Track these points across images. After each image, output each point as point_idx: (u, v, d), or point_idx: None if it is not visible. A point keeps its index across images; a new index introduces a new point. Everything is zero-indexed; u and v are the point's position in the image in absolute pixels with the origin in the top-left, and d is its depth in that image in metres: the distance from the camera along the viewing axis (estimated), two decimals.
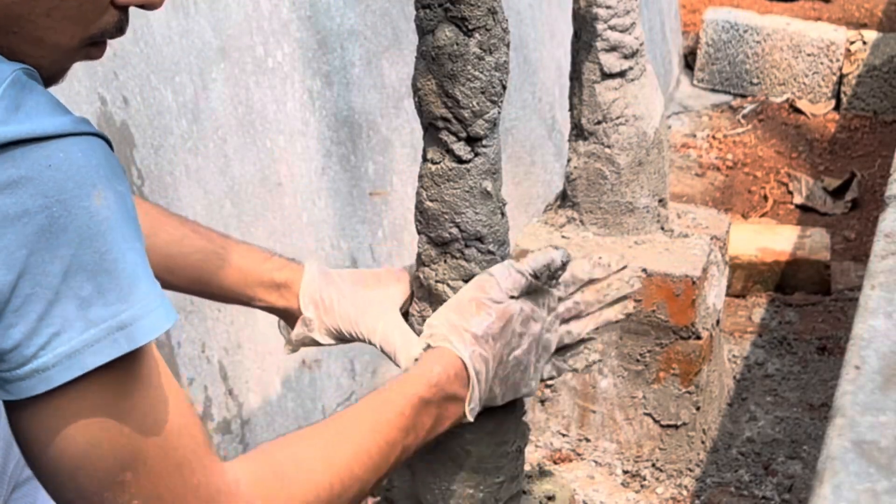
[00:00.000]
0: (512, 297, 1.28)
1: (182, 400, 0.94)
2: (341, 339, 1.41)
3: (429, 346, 1.27)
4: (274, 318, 1.48)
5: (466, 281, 1.34)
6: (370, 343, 1.38)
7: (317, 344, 1.44)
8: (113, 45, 2.00)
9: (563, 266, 1.32)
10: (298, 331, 1.42)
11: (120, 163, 0.90)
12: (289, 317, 1.44)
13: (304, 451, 1.07)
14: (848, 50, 4.83)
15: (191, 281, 1.39)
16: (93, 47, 0.96)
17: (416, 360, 1.27)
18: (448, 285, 1.36)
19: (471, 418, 1.26)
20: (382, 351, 1.36)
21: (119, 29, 0.96)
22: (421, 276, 1.39)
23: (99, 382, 0.87)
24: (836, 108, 4.84)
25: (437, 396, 1.21)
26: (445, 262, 1.37)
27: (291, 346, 1.46)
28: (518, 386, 1.31)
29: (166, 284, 1.30)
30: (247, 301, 1.43)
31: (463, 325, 1.26)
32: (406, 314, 1.41)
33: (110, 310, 0.85)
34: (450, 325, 1.26)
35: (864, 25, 5.35)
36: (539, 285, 1.30)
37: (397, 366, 1.34)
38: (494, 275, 1.29)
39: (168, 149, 2.12)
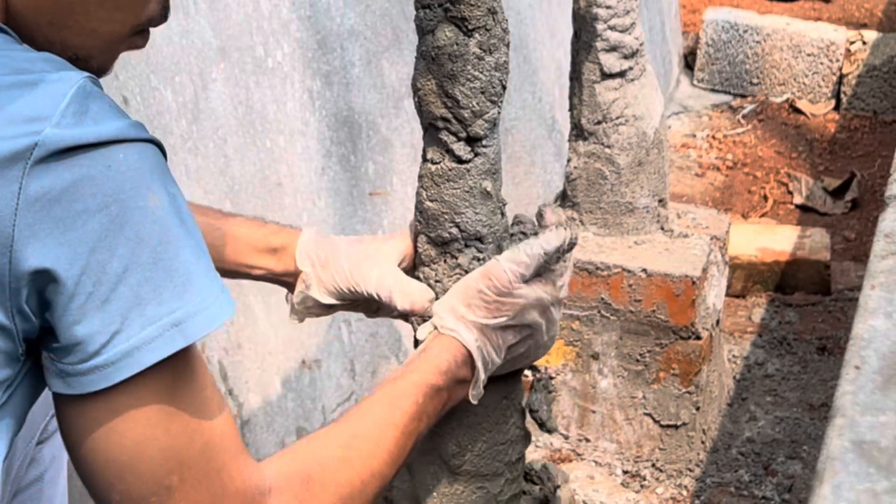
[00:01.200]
0: (523, 283, 1.28)
1: (222, 403, 0.96)
2: (342, 297, 1.39)
3: (435, 328, 1.28)
4: (273, 319, 1.48)
5: None
6: (367, 295, 1.36)
7: (320, 309, 1.42)
8: None
9: (572, 245, 1.33)
10: (298, 290, 1.41)
11: (168, 167, 0.93)
12: (290, 284, 1.43)
13: (329, 453, 1.08)
14: (848, 50, 4.83)
15: None
16: (138, 36, 1.00)
17: (424, 345, 1.28)
18: (445, 286, 1.36)
19: (474, 402, 1.27)
20: (378, 298, 1.35)
21: (163, 15, 1.00)
22: (421, 275, 1.39)
23: (153, 380, 0.89)
24: (836, 108, 4.84)
25: (447, 382, 1.23)
26: (445, 261, 1.37)
27: (297, 315, 1.44)
28: (527, 358, 1.34)
29: None
30: (247, 271, 1.42)
31: (469, 317, 1.26)
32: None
33: (166, 307, 0.88)
34: (457, 317, 1.27)
35: (864, 25, 5.35)
36: (549, 267, 1.31)
37: (394, 310, 1.33)
38: (503, 261, 1.28)
39: (168, 149, 2.12)
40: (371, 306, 1.42)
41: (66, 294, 0.85)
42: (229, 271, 1.42)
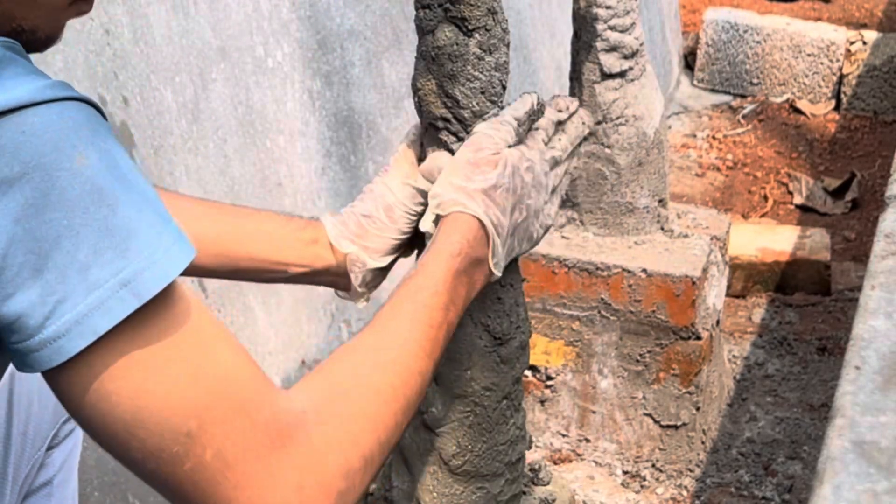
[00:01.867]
0: (508, 146, 1.28)
1: (229, 337, 0.92)
2: (394, 247, 1.37)
3: (438, 217, 1.25)
4: (273, 319, 1.47)
5: None
6: (405, 207, 1.35)
7: (382, 276, 1.39)
8: (113, 45, 2.00)
9: (542, 108, 1.34)
10: (355, 273, 1.37)
11: (106, 121, 0.88)
12: (328, 278, 1.39)
13: (359, 362, 1.04)
14: (848, 50, 4.83)
15: (217, 257, 1.34)
16: (82, 2, 0.95)
17: (432, 233, 1.25)
18: None
19: (498, 273, 1.25)
20: (417, 191, 1.34)
21: None
22: None
23: (124, 341, 0.85)
24: (836, 108, 4.84)
25: (464, 264, 1.20)
26: None
27: (363, 295, 1.40)
28: (531, 233, 1.32)
29: (192, 268, 1.29)
30: (282, 270, 1.37)
31: (469, 186, 1.24)
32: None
33: (109, 268, 0.83)
34: (455, 189, 1.24)
35: (864, 25, 5.35)
36: (524, 131, 1.31)
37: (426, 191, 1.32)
38: (482, 130, 1.28)
39: (168, 149, 2.12)
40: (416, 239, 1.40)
41: None
42: (258, 269, 1.37)
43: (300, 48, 2.54)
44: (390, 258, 1.38)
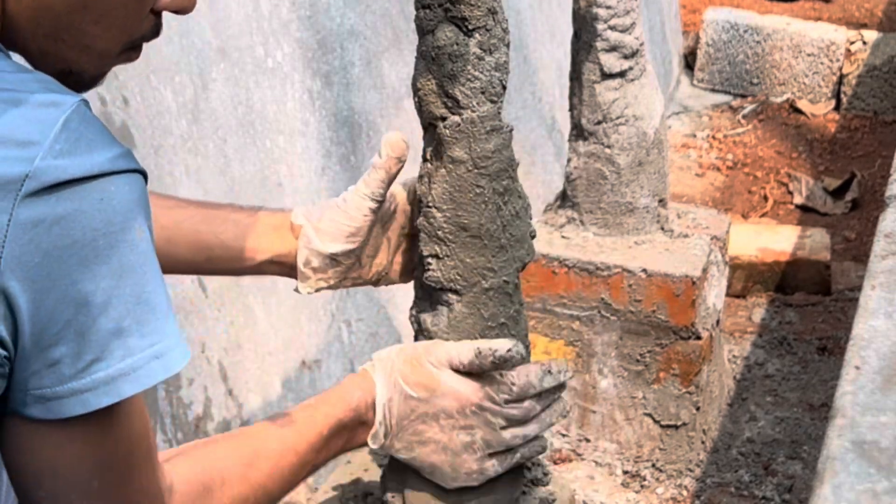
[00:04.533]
0: (452, 370, 1.28)
1: (144, 405, 0.98)
2: (343, 236, 1.38)
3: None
4: (273, 319, 1.47)
5: None
6: (359, 200, 1.39)
7: (325, 265, 1.39)
8: None
9: (510, 359, 1.28)
10: (301, 249, 1.38)
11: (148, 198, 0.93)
12: (293, 270, 1.41)
13: (230, 465, 1.13)
14: (848, 50, 4.83)
15: (192, 247, 1.37)
16: (132, 51, 1.00)
17: (344, 381, 1.31)
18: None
19: (374, 446, 1.30)
20: (366, 187, 1.40)
21: (155, 32, 1.01)
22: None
23: (117, 411, 0.91)
24: (836, 108, 4.84)
25: (353, 421, 1.27)
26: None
27: (305, 283, 1.40)
28: (435, 464, 1.31)
29: (169, 258, 1.32)
30: (251, 256, 1.39)
31: (394, 373, 1.29)
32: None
33: (148, 339, 0.89)
34: (385, 367, 1.30)
35: (864, 25, 5.35)
36: (481, 369, 1.28)
37: (384, 176, 1.40)
38: (447, 344, 1.30)
39: (168, 149, 2.12)
40: (368, 271, 1.41)
41: (41, 323, 0.86)
42: (232, 259, 1.38)
43: (300, 48, 2.54)
44: (337, 247, 1.38)
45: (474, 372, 1.28)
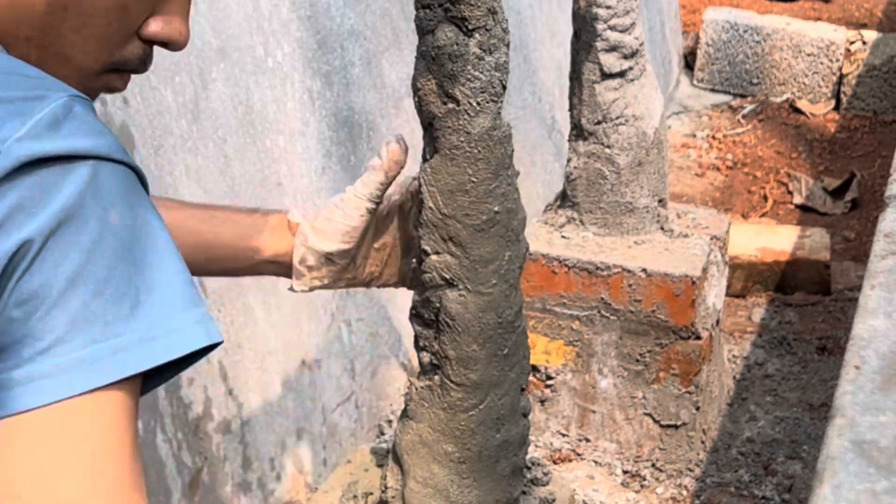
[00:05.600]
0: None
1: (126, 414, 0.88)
2: (340, 236, 1.39)
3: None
4: (273, 319, 1.47)
5: None
6: (356, 200, 1.41)
7: (320, 264, 1.39)
8: None
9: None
10: (297, 247, 1.39)
11: (147, 194, 0.88)
12: (290, 269, 1.41)
13: None
14: (848, 50, 4.83)
15: (192, 247, 1.36)
16: (115, 75, 0.96)
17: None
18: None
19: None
20: (362, 188, 1.42)
21: (143, 63, 0.96)
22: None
23: (82, 411, 0.80)
24: (836, 108, 4.84)
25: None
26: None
27: (300, 281, 1.40)
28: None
29: None
30: (251, 255, 1.39)
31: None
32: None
33: (111, 329, 0.81)
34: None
35: (864, 25, 5.35)
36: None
37: (382, 180, 1.44)
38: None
39: (168, 149, 2.12)
40: (362, 272, 1.42)
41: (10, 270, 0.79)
42: (231, 258, 1.39)
43: (300, 48, 2.54)
44: (333, 245, 1.39)
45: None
